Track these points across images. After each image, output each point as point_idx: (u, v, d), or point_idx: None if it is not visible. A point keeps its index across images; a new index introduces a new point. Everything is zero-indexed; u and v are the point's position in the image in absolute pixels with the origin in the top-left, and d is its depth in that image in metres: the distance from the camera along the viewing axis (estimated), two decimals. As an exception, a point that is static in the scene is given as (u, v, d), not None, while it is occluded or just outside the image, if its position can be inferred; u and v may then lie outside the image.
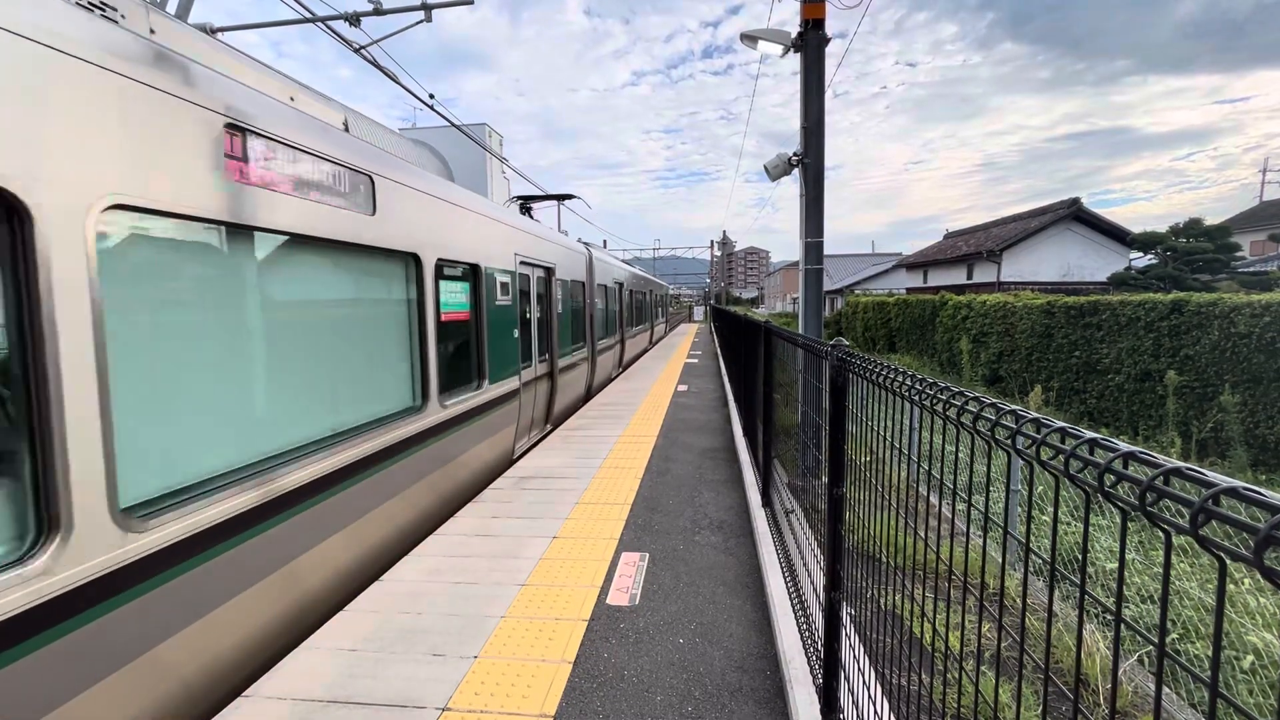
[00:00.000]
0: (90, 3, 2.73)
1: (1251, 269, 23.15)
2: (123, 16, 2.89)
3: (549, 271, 8.63)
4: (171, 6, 4.97)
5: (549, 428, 8.61)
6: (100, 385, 2.24)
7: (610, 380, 13.99)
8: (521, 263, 7.30)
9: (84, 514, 2.18)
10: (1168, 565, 0.70)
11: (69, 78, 2.17)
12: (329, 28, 6.49)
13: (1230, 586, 4.25)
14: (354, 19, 6.56)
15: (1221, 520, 0.59)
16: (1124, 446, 0.76)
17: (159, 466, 2.62)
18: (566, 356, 9.41)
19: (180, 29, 3.33)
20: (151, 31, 3.06)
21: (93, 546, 2.20)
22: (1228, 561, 0.61)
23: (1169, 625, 4.17)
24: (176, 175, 2.62)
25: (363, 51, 6.86)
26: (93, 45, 2.26)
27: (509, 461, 6.80)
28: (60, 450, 2.10)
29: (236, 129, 2.95)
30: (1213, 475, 0.63)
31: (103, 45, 2.31)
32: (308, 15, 6.28)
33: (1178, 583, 4.40)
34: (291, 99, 4.12)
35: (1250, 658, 3.70)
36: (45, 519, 2.10)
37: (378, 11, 6.56)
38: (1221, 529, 0.64)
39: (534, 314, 7.93)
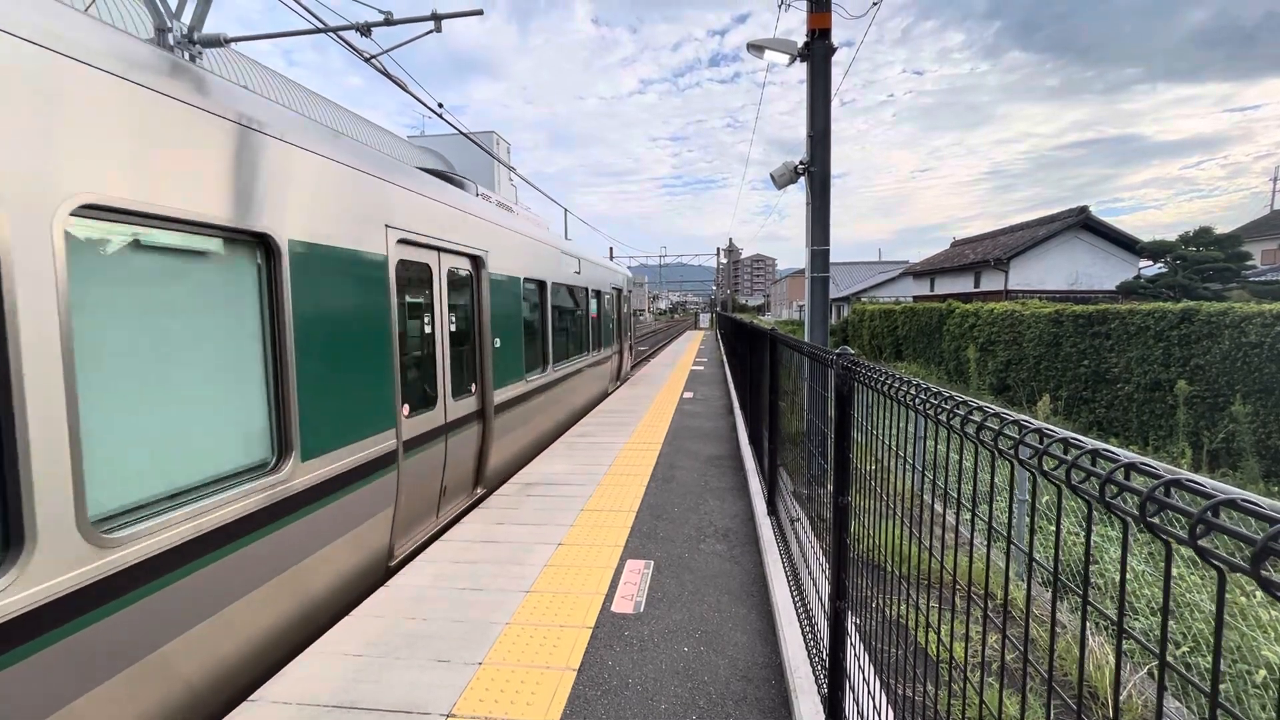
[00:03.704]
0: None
1: (1263, 278, 22.95)
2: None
3: (618, 290, 13.38)
4: (187, 16, 5.06)
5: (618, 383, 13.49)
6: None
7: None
8: (612, 286, 12.30)
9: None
10: (1168, 576, 0.70)
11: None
12: (340, 38, 6.58)
13: (1242, 599, 4.20)
14: (365, 29, 6.64)
15: (1220, 531, 0.60)
16: (1126, 456, 0.77)
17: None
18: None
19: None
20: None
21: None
22: (1228, 572, 0.61)
23: (1181, 639, 4.12)
24: (558, 269, 8.46)
25: (373, 61, 6.95)
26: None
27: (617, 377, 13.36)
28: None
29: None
30: (1212, 486, 0.63)
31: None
32: (320, 25, 6.37)
33: (1188, 595, 4.35)
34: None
35: (1263, 673, 3.65)
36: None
37: (388, 22, 6.65)
38: (1233, 542, 0.65)
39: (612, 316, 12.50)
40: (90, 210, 2.24)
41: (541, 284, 7.78)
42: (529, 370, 7.17)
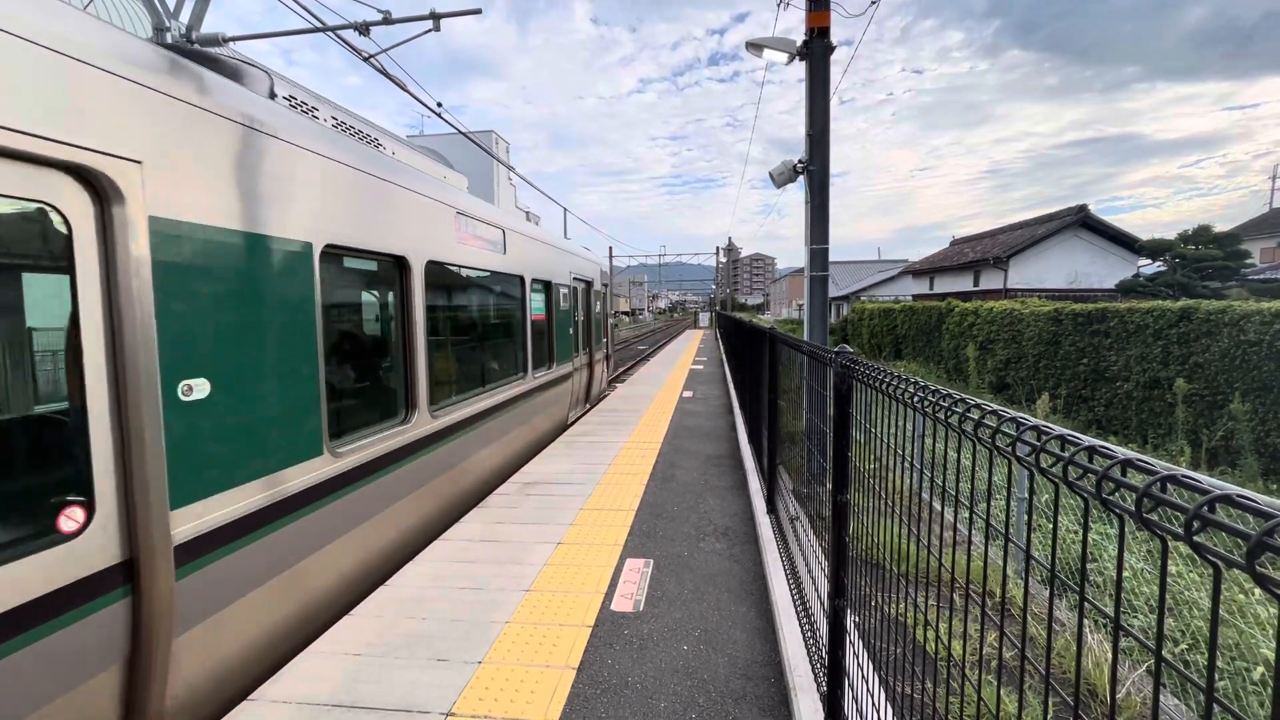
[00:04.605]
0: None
1: (1262, 276, 22.98)
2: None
3: (585, 284, 10.70)
4: (185, 15, 5.05)
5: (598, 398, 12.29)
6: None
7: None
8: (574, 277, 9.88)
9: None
10: (1164, 572, 0.70)
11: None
12: (339, 37, 6.58)
13: (1240, 597, 4.21)
14: (364, 28, 6.64)
15: (1216, 527, 0.60)
16: (1122, 453, 0.77)
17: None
18: None
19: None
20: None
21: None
22: (1224, 568, 0.62)
23: (1179, 636, 4.13)
24: (448, 242, 5.10)
25: (372, 60, 6.95)
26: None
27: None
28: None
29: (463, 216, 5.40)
30: (1208, 481, 0.63)
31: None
32: (318, 25, 6.36)
33: (1187, 593, 4.36)
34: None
35: (1260, 669, 3.66)
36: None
37: (387, 21, 6.65)
38: (1230, 539, 0.65)
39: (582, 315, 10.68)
40: None
41: (400, 262, 4.37)
42: (355, 430, 3.92)
